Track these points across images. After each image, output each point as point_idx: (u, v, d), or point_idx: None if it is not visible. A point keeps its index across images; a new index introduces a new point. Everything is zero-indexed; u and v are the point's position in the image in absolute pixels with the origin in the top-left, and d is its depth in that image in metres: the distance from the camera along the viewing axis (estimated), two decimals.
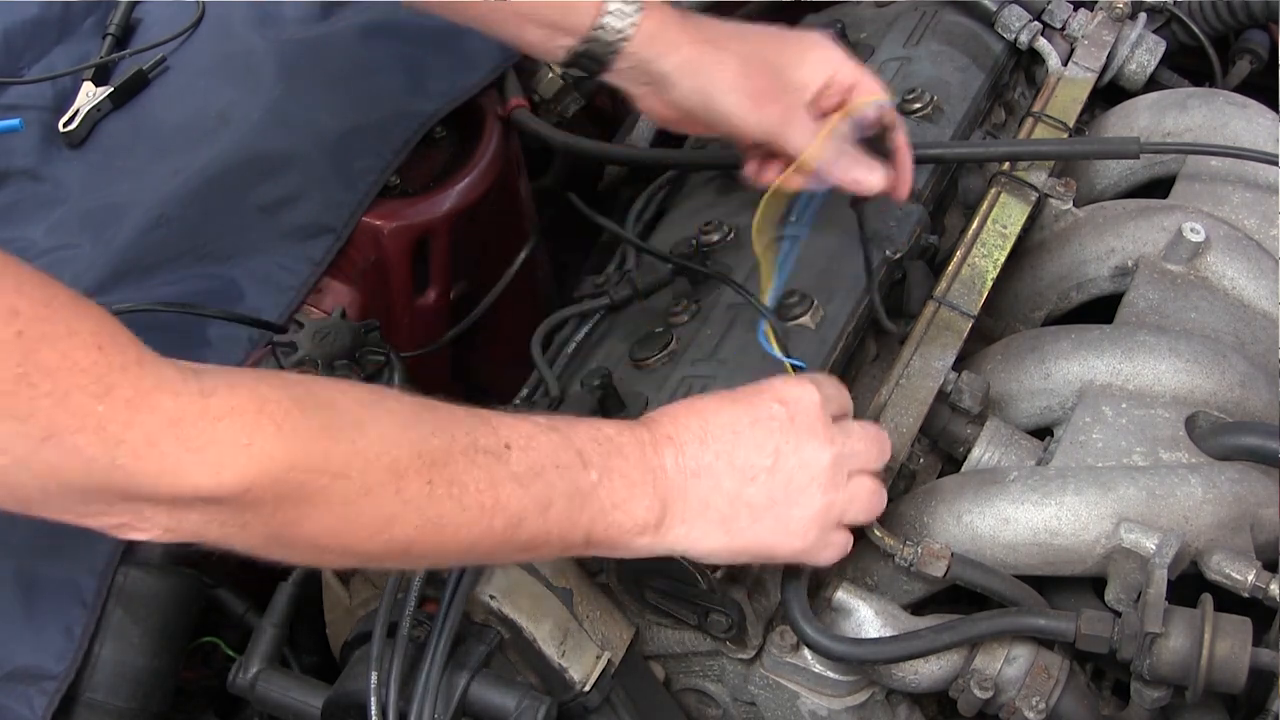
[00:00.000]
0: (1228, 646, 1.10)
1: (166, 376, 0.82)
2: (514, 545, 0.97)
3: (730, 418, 1.05)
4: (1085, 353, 1.34)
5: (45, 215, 1.51)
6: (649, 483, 1.01)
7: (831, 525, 1.08)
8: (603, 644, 1.21)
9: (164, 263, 1.44)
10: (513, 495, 0.94)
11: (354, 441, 0.87)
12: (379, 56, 1.61)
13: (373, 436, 0.89)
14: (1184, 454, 1.25)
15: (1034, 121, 1.56)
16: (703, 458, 1.03)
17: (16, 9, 1.69)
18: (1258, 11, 1.73)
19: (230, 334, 1.39)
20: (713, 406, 1.06)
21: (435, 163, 1.61)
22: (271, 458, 0.84)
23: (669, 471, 1.02)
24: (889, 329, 1.33)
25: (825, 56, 1.25)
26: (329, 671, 1.24)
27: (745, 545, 1.06)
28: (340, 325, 1.29)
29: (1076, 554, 1.20)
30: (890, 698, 1.24)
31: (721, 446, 1.04)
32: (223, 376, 0.84)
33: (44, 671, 1.18)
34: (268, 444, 0.83)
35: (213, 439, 0.82)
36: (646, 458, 1.02)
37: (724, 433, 1.04)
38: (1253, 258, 1.44)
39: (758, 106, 1.23)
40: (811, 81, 1.24)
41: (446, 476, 0.91)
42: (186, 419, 0.81)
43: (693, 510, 1.03)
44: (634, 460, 1.01)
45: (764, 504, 1.05)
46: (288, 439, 0.84)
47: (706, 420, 1.05)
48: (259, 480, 0.83)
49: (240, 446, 0.82)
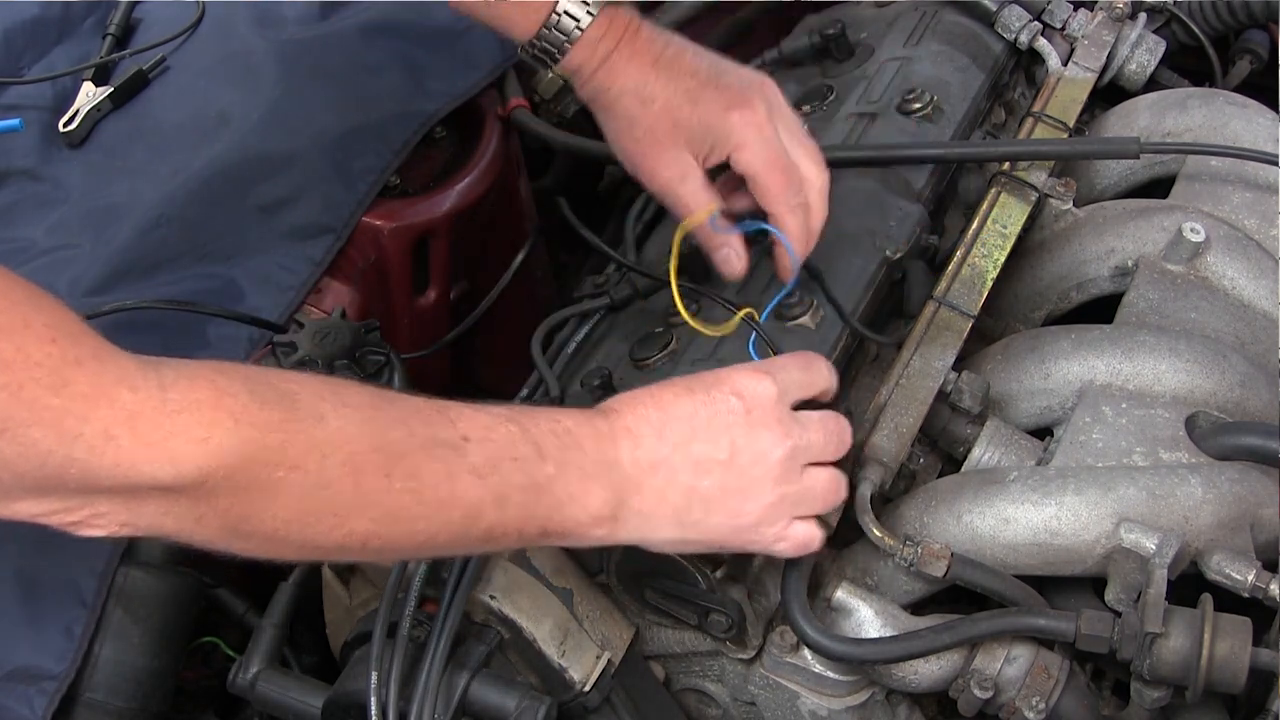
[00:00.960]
0: (1228, 646, 1.10)
1: (124, 370, 0.82)
2: (472, 537, 0.97)
3: (688, 409, 1.06)
4: (1085, 353, 1.34)
5: (45, 215, 1.51)
6: (605, 475, 1.02)
7: (785, 517, 1.09)
8: (603, 644, 1.21)
9: (164, 263, 1.44)
10: (470, 488, 0.95)
11: (312, 435, 0.88)
12: (379, 56, 1.61)
13: (331, 430, 0.89)
14: (1184, 454, 1.25)
15: (1034, 121, 1.56)
16: (659, 450, 1.04)
17: (16, 9, 1.69)
18: (1258, 11, 1.73)
19: (230, 334, 1.39)
20: (670, 397, 1.06)
21: (435, 163, 1.61)
22: (228, 450, 0.84)
23: (625, 464, 1.03)
24: (882, 342, 1.34)
25: (746, 121, 1.22)
26: (329, 671, 1.24)
27: (699, 536, 1.08)
28: (340, 325, 1.29)
29: (1076, 554, 1.20)
30: (890, 698, 1.24)
31: (678, 439, 1.04)
32: (181, 370, 0.85)
33: (44, 671, 1.18)
34: (225, 437, 0.84)
35: (170, 432, 0.82)
36: (604, 450, 1.02)
37: (681, 425, 1.05)
38: (1253, 258, 1.44)
39: (649, 169, 1.23)
40: (718, 149, 1.22)
41: (405, 470, 0.92)
42: (144, 413, 0.81)
43: (648, 503, 1.04)
44: (591, 453, 1.02)
45: (718, 496, 1.06)
46: (245, 432, 0.85)
47: (665, 411, 1.05)
48: (215, 472, 0.84)
49: (197, 440, 0.83)
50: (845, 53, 1.64)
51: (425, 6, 1.68)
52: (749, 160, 1.22)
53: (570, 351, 1.37)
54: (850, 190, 1.42)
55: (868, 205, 1.40)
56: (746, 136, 1.22)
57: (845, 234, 1.37)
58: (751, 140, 1.22)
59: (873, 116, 1.51)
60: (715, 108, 1.21)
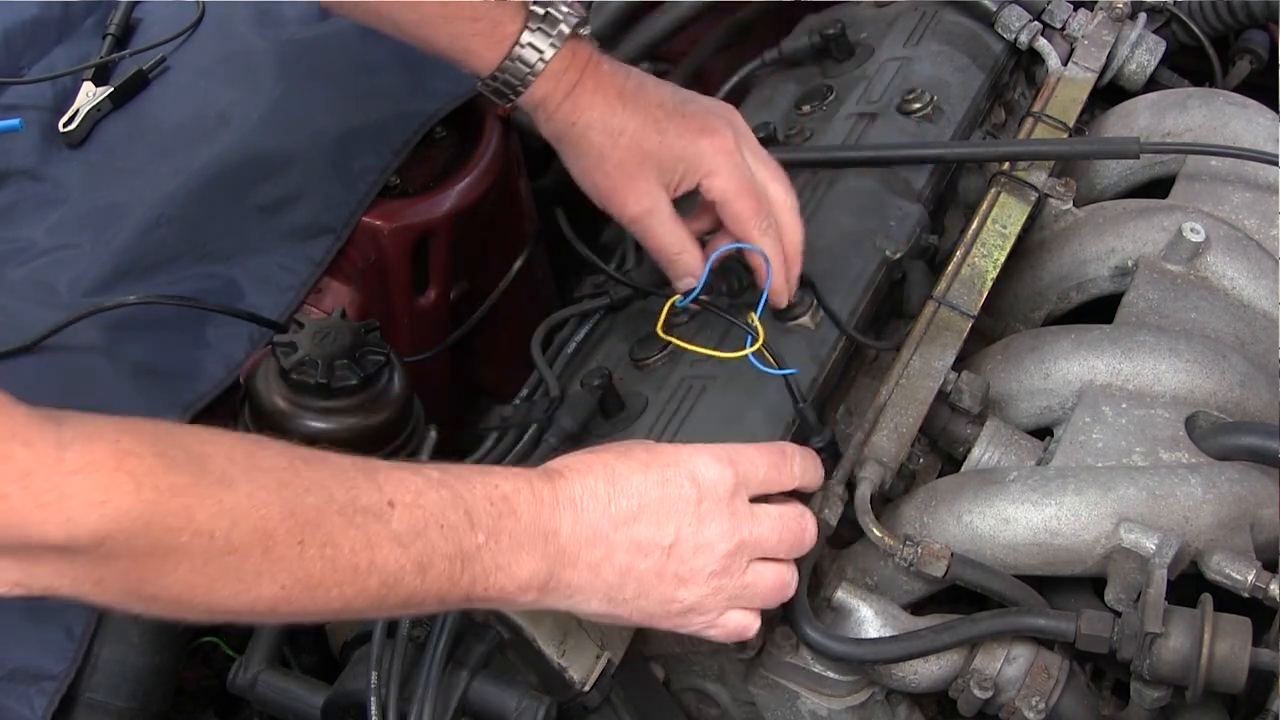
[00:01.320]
0: (1228, 646, 1.10)
1: (21, 425, 0.79)
2: (389, 604, 0.94)
3: (639, 486, 1.03)
4: (1085, 353, 1.34)
5: (45, 215, 1.51)
6: (539, 545, 0.99)
7: (720, 608, 1.07)
8: (603, 644, 1.21)
9: (164, 263, 1.44)
10: (390, 556, 0.92)
11: (220, 499, 0.84)
12: (379, 56, 1.61)
13: (241, 494, 0.85)
14: (1184, 454, 1.25)
15: (1034, 121, 1.56)
16: (600, 526, 1.01)
17: (16, 9, 1.69)
18: (1258, 11, 1.73)
19: (230, 334, 1.39)
20: (624, 470, 1.03)
21: (435, 163, 1.61)
22: (127, 514, 0.80)
23: (563, 536, 1.00)
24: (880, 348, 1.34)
25: (716, 148, 1.22)
26: (329, 671, 1.24)
27: (628, 613, 1.05)
28: (340, 325, 1.29)
29: (1076, 554, 1.20)
30: (890, 698, 1.24)
31: (623, 516, 1.02)
32: (83, 426, 0.81)
33: (44, 671, 1.18)
34: (124, 500, 0.80)
35: (66, 493, 0.79)
36: (541, 519, 0.99)
37: (629, 501, 1.02)
38: (1253, 258, 1.44)
39: (620, 202, 1.24)
40: (689, 177, 1.23)
41: (320, 537, 0.88)
42: (38, 470, 0.78)
43: (580, 576, 1.02)
44: (527, 521, 0.99)
45: (653, 580, 1.03)
46: (146, 495, 0.81)
47: (615, 485, 1.02)
48: (114, 536, 0.80)
49: (94, 503, 0.79)
50: (845, 53, 1.64)
51: None
52: (721, 187, 1.22)
53: (570, 351, 1.37)
54: (850, 190, 1.42)
55: (868, 205, 1.40)
56: (717, 163, 1.22)
57: (845, 234, 1.37)
58: (722, 166, 1.22)
59: (873, 116, 1.51)
60: (684, 136, 1.22)
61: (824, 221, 1.39)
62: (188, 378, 1.36)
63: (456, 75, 1.62)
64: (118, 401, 1.31)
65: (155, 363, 1.35)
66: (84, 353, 1.34)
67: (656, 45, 1.77)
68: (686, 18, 1.76)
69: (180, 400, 1.33)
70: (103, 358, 1.34)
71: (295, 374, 1.25)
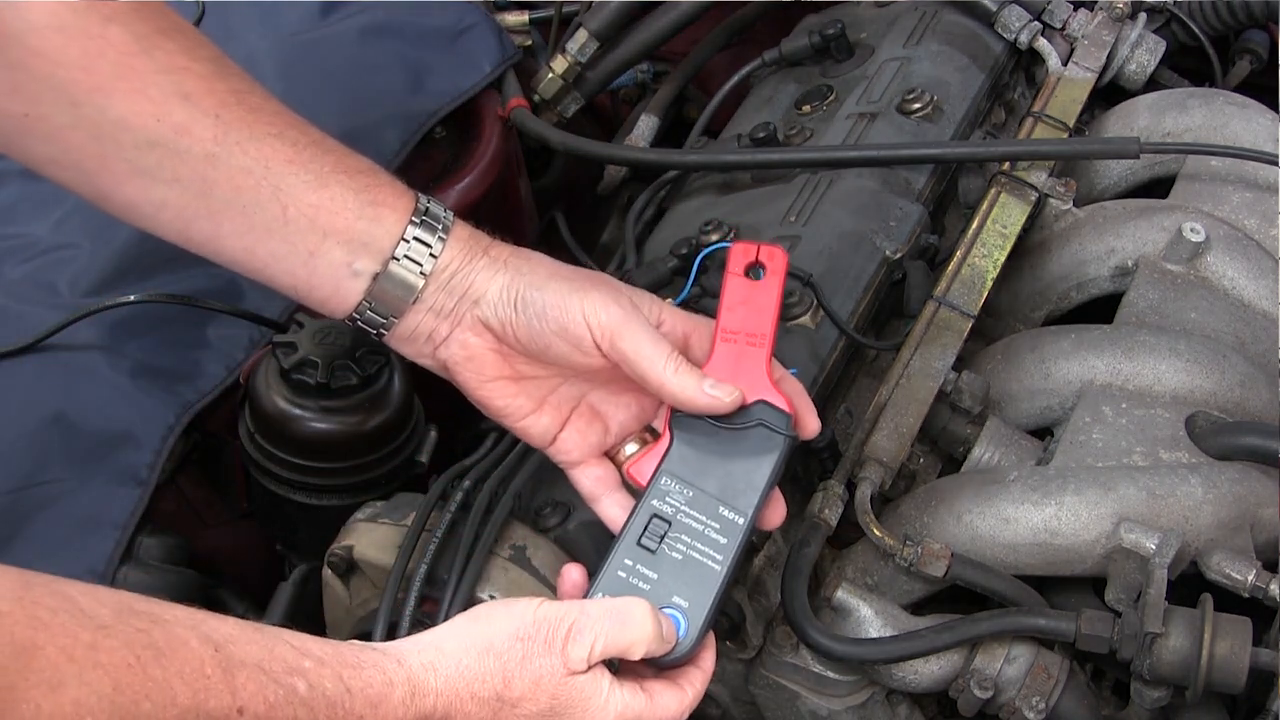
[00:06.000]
0: (1228, 646, 1.10)
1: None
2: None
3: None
4: (1085, 353, 1.34)
5: (46, 215, 1.51)
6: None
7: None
8: None
9: (164, 263, 1.43)
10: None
11: (39, 705, 0.75)
12: (379, 56, 1.61)
13: (65, 699, 0.77)
14: (1184, 454, 1.25)
15: (1034, 121, 1.56)
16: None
17: None
18: (1258, 11, 1.73)
19: (230, 334, 1.39)
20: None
21: (435, 163, 1.61)
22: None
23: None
24: (880, 348, 1.34)
25: (604, 300, 1.08)
26: None
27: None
28: (340, 325, 1.29)
29: (1076, 554, 1.20)
30: (890, 698, 1.24)
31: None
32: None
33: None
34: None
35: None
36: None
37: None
38: (1253, 258, 1.44)
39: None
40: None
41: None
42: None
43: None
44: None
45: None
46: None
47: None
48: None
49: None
50: (845, 53, 1.64)
51: (425, 6, 1.68)
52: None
53: None
54: (850, 190, 1.42)
55: (868, 205, 1.41)
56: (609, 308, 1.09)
57: (845, 234, 1.37)
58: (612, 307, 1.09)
59: (873, 116, 1.51)
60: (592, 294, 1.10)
61: (824, 221, 1.39)
62: (188, 378, 1.36)
63: (456, 75, 1.63)
64: (118, 401, 1.32)
65: (155, 363, 1.35)
66: (84, 352, 1.34)
67: (656, 45, 1.77)
68: (686, 18, 1.76)
69: (180, 400, 1.33)
70: (103, 357, 1.34)
71: (295, 374, 1.25)
